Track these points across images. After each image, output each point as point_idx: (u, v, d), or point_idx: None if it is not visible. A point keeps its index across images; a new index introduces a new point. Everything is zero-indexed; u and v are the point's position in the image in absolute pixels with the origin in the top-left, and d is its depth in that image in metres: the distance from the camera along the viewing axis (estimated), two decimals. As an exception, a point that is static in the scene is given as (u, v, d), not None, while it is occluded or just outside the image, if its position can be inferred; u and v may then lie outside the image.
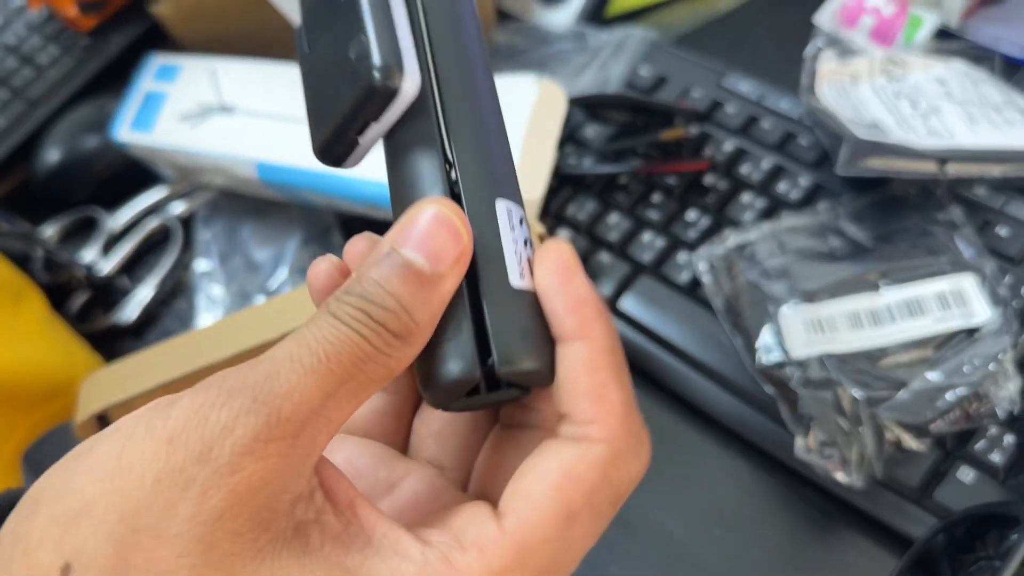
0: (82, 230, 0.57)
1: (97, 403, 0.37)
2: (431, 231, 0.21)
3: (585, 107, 0.51)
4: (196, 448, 0.18)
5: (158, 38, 0.63)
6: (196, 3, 0.56)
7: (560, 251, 0.22)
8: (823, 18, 0.59)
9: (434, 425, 0.26)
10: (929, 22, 0.57)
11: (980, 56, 0.53)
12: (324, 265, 0.24)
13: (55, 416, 0.49)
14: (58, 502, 0.18)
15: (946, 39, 0.55)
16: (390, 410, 0.26)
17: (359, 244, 0.24)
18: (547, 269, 0.22)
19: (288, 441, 0.19)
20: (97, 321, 0.53)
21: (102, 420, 0.39)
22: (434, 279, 0.21)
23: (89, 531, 0.18)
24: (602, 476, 0.21)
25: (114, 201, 0.57)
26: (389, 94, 0.23)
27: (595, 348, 0.21)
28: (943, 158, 0.43)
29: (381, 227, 0.53)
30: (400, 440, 0.26)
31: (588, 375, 0.21)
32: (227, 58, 0.54)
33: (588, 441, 0.21)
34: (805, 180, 0.48)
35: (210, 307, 0.53)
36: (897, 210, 0.45)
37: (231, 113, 0.52)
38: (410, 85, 0.23)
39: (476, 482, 0.25)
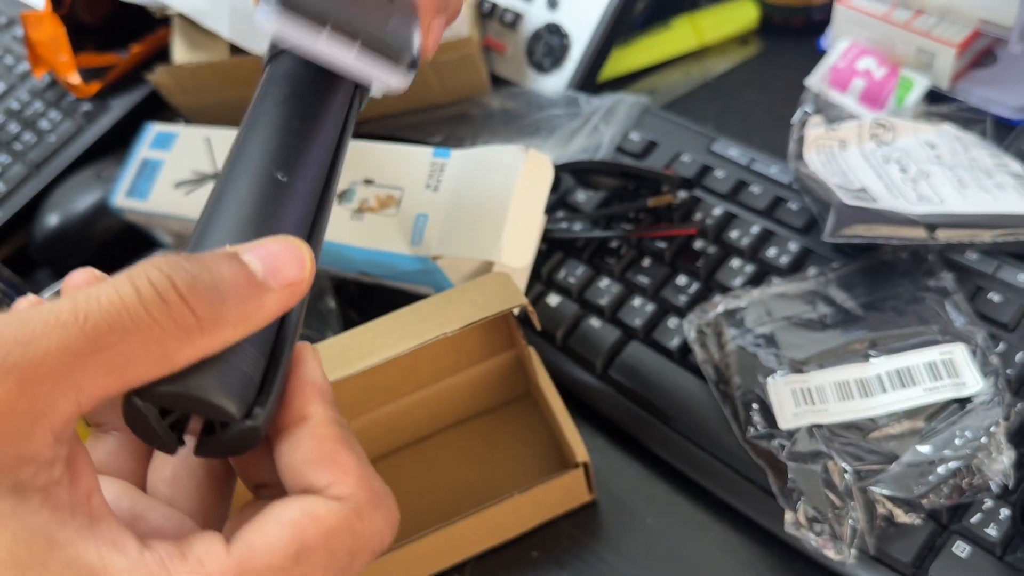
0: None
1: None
2: (279, 251, 0.22)
3: (575, 173, 0.52)
4: None
5: (157, 105, 0.64)
6: (191, 72, 0.57)
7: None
8: (814, 81, 0.60)
9: (166, 471, 0.25)
10: (920, 85, 0.57)
11: (971, 118, 0.53)
12: (83, 275, 0.24)
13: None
14: None
15: (937, 102, 0.56)
16: (125, 451, 0.25)
17: (79, 276, 0.24)
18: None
19: (12, 389, 0.18)
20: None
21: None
22: (261, 287, 0.21)
23: None
24: (343, 522, 0.22)
25: (112, 265, 0.57)
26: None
27: (318, 423, 0.23)
28: (932, 224, 0.43)
29: (373, 291, 0.53)
30: (139, 483, 0.25)
31: (318, 446, 0.23)
32: (221, 127, 0.55)
33: (329, 495, 0.22)
34: (794, 245, 0.48)
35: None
36: (887, 276, 0.44)
37: (225, 180, 0.52)
38: None
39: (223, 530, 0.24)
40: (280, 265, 0.22)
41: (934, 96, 0.57)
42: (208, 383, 0.21)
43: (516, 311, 0.42)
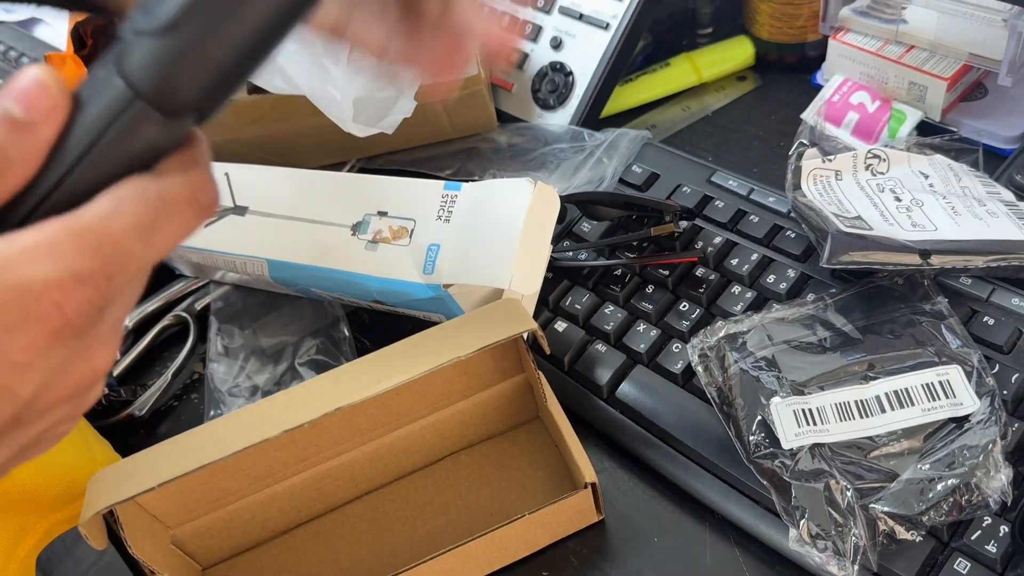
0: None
1: (101, 502, 0.38)
2: (26, 88, 0.24)
3: (580, 204, 0.54)
4: None
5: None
6: (212, 111, 0.59)
7: None
8: (810, 115, 0.62)
9: None
10: (912, 117, 0.59)
11: (963, 149, 0.55)
12: None
13: (72, 519, 0.50)
14: None
15: (929, 133, 0.57)
16: None
17: None
18: None
19: None
20: (111, 413, 0.55)
21: (106, 519, 0.40)
22: (27, 125, 0.24)
23: None
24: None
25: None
26: None
27: None
28: (926, 250, 0.45)
29: (386, 319, 0.54)
30: None
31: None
32: (239, 163, 0.57)
33: None
34: (793, 272, 0.49)
35: (222, 399, 0.55)
36: (884, 301, 0.46)
37: (243, 213, 0.54)
38: None
39: None
40: (32, 100, 0.24)
41: (926, 128, 0.59)
42: None
43: (525, 336, 0.44)
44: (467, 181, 0.50)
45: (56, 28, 0.85)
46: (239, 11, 0.24)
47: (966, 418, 0.39)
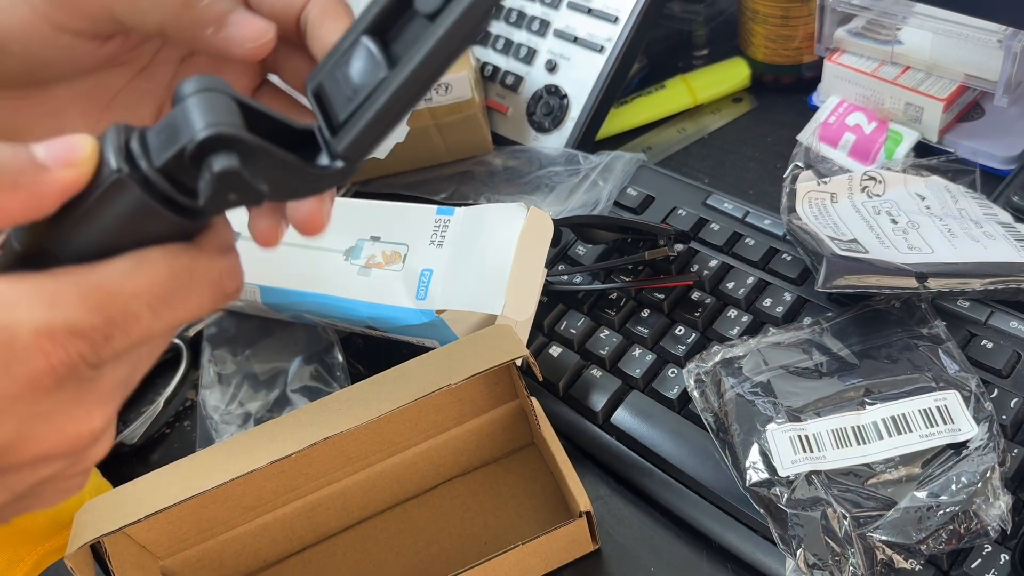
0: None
1: (88, 534, 0.38)
2: (57, 141, 0.24)
3: (575, 227, 0.53)
4: None
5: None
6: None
7: None
8: (806, 136, 0.61)
9: None
10: (909, 138, 0.59)
11: (960, 170, 0.54)
12: None
13: (62, 549, 0.49)
14: None
15: (926, 154, 0.57)
16: None
17: None
18: None
19: None
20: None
21: (94, 550, 0.40)
22: (41, 166, 0.23)
23: None
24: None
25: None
26: None
27: None
28: (923, 274, 0.44)
29: (380, 345, 0.54)
30: None
31: None
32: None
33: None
34: (789, 295, 0.49)
35: (214, 426, 0.54)
36: (881, 325, 0.45)
37: (236, 239, 0.54)
38: None
39: None
40: (62, 154, 0.23)
41: (923, 149, 0.59)
42: None
43: (518, 362, 0.44)
44: (462, 204, 0.50)
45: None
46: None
47: (964, 444, 0.39)
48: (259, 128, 0.24)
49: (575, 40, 0.64)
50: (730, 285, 0.51)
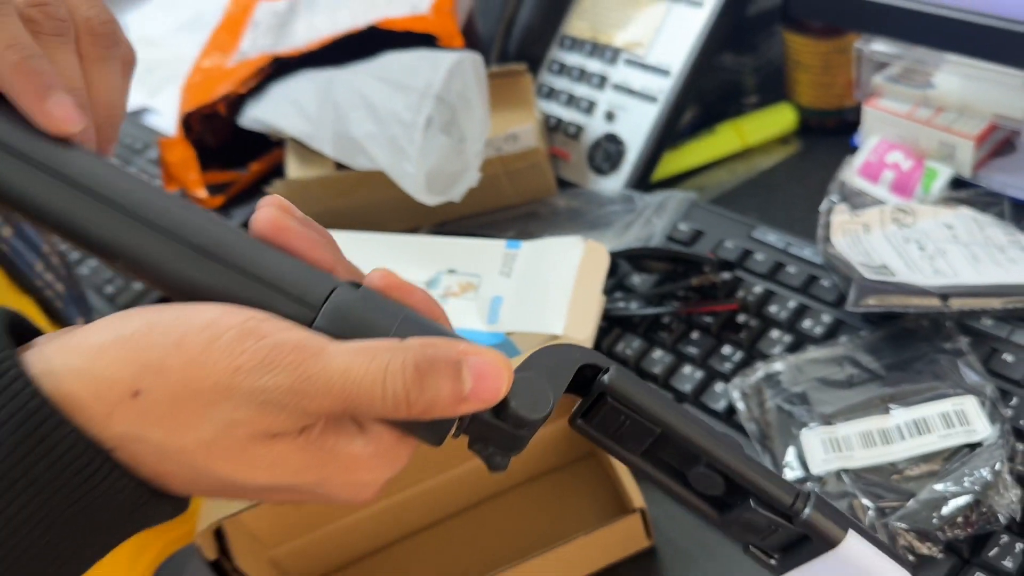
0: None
1: (214, 516, 0.45)
2: (489, 371, 0.29)
3: (630, 259, 0.59)
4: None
5: (273, 214, 0.74)
6: (303, 186, 0.67)
7: None
8: (848, 174, 0.66)
9: None
10: (944, 174, 0.63)
11: (989, 202, 0.59)
12: (268, 212, 0.31)
13: (183, 538, 0.57)
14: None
15: (961, 188, 0.61)
16: None
17: (376, 277, 0.32)
18: None
19: (297, 420, 0.28)
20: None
21: (218, 532, 0.47)
22: (462, 400, 0.29)
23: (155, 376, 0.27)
24: None
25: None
26: None
27: None
28: (945, 294, 0.49)
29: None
30: None
31: None
32: (329, 230, 0.64)
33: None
34: (827, 317, 0.54)
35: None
36: (909, 341, 0.50)
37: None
38: None
39: None
40: (486, 386, 0.29)
41: (959, 183, 0.63)
42: None
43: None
44: (527, 240, 0.56)
45: (166, 116, 0.96)
46: None
47: (979, 443, 0.43)
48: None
49: (631, 92, 0.71)
50: (772, 309, 0.56)
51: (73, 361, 0.27)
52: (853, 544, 0.31)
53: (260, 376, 0.27)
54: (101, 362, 0.27)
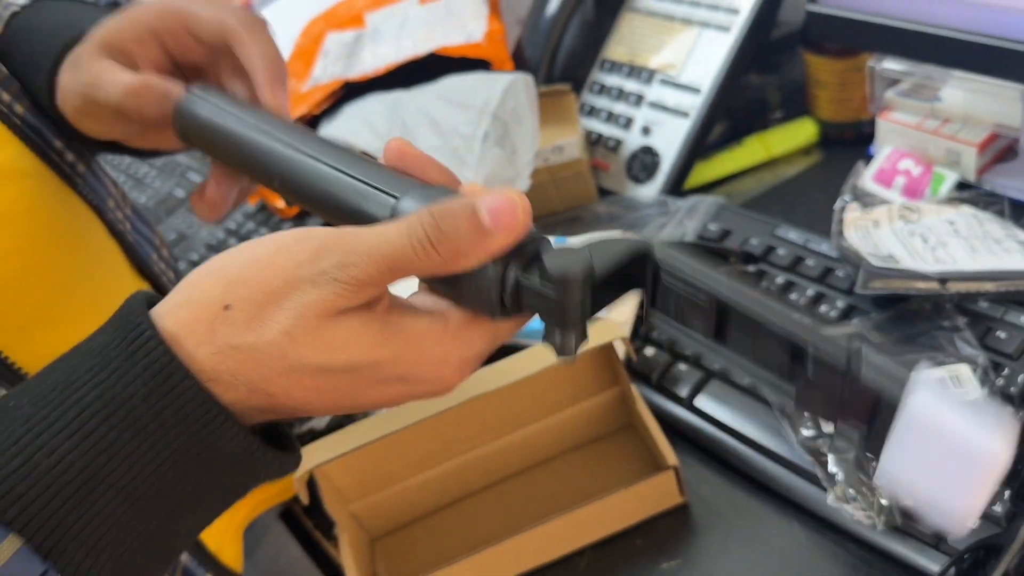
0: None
1: (308, 465, 0.53)
2: (504, 206, 0.32)
3: (664, 254, 0.66)
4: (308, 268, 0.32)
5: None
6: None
7: None
8: (864, 180, 0.73)
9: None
10: (950, 178, 0.69)
11: (990, 201, 0.65)
12: (397, 144, 0.37)
13: (272, 498, 0.65)
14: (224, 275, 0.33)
15: (964, 190, 0.68)
16: None
17: (393, 144, 0.37)
18: None
19: (355, 290, 0.32)
20: (296, 427, 0.70)
21: (310, 480, 0.54)
22: (487, 234, 0.32)
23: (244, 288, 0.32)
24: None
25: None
26: None
27: None
28: (943, 278, 0.55)
29: (509, 351, 0.68)
30: None
31: None
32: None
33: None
34: (841, 303, 0.60)
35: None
36: (912, 321, 0.56)
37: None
38: None
39: None
40: (503, 217, 0.32)
41: (964, 186, 0.69)
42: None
43: (620, 353, 0.57)
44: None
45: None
46: None
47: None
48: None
49: (665, 109, 0.78)
50: (793, 296, 0.62)
51: (176, 298, 0.33)
52: (923, 400, 0.27)
53: (316, 263, 0.32)
54: (197, 291, 0.33)
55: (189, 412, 0.32)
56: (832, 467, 0.49)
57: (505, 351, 0.66)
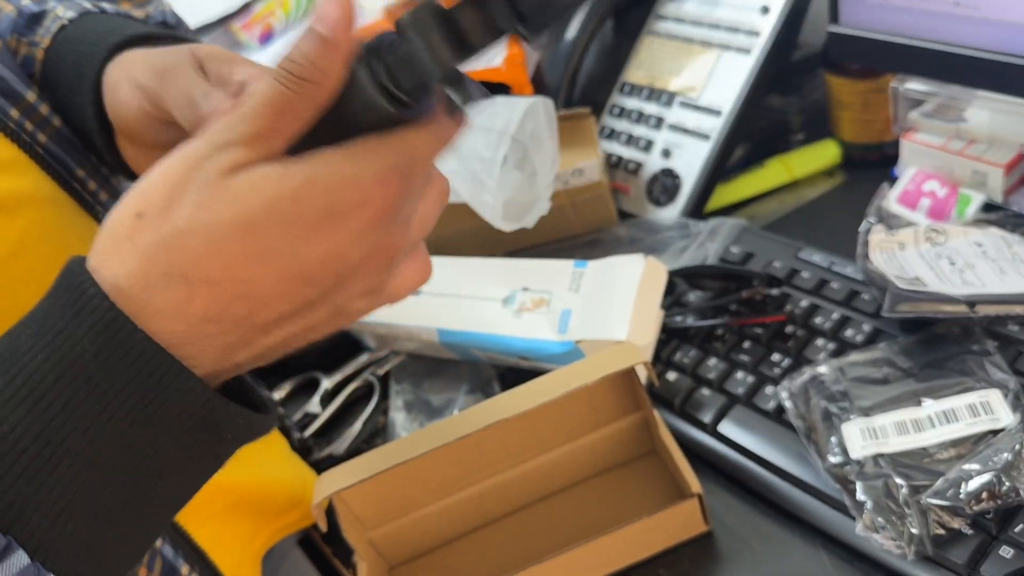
0: (308, 387, 0.75)
1: (327, 491, 0.52)
2: (329, 10, 0.32)
3: (685, 277, 0.66)
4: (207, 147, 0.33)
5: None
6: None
7: None
8: (889, 202, 0.72)
9: None
10: (976, 199, 0.68)
11: (1018, 223, 0.64)
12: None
13: (292, 524, 0.64)
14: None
15: (991, 211, 0.67)
16: None
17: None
18: None
19: (260, 142, 0.32)
20: (315, 453, 0.70)
21: (329, 507, 0.54)
22: (332, 42, 0.32)
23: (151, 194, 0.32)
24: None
25: (331, 365, 0.75)
26: None
27: None
28: (972, 302, 0.54)
29: (532, 376, 0.67)
30: None
31: None
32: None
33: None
34: (867, 326, 0.59)
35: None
36: (941, 344, 0.55)
37: (419, 294, 0.70)
38: None
39: None
40: (332, 16, 0.32)
41: (991, 208, 0.68)
42: None
43: (642, 377, 0.56)
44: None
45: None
46: None
47: (1003, 429, 0.48)
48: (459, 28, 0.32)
49: (685, 131, 0.78)
50: (818, 320, 0.61)
51: (102, 235, 0.33)
52: None
53: (210, 140, 0.32)
54: (111, 218, 0.33)
55: (141, 366, 0.31)
56: (860, 495, 0.48)
57: (525, 376, 0.66)
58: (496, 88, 0.80)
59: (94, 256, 0.33)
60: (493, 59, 0.82)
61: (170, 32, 0.55)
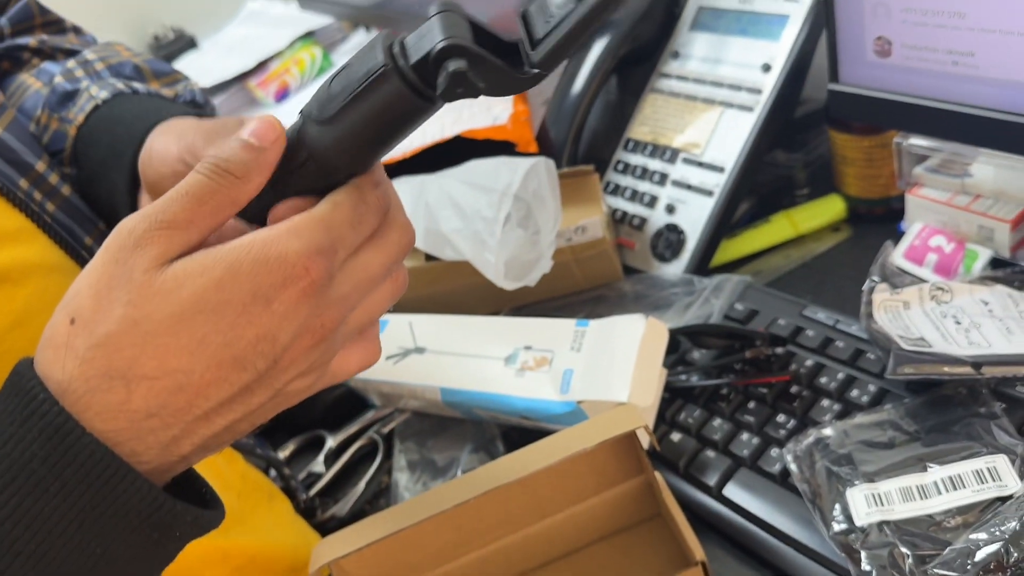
0: (312, 445, 0.75)
1: (325, 558, 0.52)
2: (257, 127, 0.35)
3: (689, 336, 0.65)
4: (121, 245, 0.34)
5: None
6: (399, 275, 0.76)
7: None
8: (895, 258, 0.72)
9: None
10: (983, 255, 0.68)
11: (1025, 281, 0.63)
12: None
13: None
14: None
15: (999, 267, 0.66)
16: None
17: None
18: None
19: (172, 233, 0.33)
20: (319, 514, 0.69)
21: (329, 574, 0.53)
22: (259, 149, 0.34)
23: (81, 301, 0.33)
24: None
25: (336, 423, 0.75)
26: None
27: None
28: (978, 363, 0.53)
29: (535, 435, 0.67)
30: None
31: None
32: (421, 314, 0.73)
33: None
34: (873, 387, 0.59)
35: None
36: (947, 406, 0.54)
37: (422, 352, 0.70)
38: None
39: None
40: (263, 132, 0.35)
41: (998, 263, 0.68)
42: None
43: (644, 442, 0.55)
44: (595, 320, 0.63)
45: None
46: None
47: (1010, 496, 0.47)
48: (482, 41, 0.33)
49: (689, 187, 0.78)
50: (823, 380, 0.61)
51: (43, 342, 0.34)
52: None
53: (131, 234, 0.33)
54: (51, 320, 0.34)
55: (90, 468, 0.32)
56: (865, 565, 0.47)
57: (529, 435, 0.65)
58: (501, 146, 0.80)
59: (38, 363, 0.34)
60: (500, 117, 0.83)
61: (200, 112, 0.56)
